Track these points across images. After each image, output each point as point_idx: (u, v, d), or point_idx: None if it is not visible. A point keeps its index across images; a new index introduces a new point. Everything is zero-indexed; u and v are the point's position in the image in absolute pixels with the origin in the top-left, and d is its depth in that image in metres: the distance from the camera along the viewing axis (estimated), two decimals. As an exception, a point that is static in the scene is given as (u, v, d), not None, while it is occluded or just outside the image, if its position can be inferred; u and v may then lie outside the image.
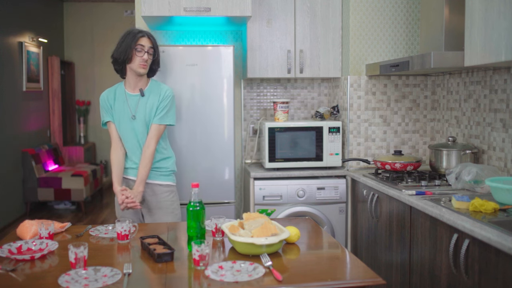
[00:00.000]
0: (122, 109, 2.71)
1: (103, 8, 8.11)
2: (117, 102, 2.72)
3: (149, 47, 2.67)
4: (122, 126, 2.72)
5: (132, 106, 2.70)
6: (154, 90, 2.73)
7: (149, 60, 2.68)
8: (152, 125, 2.69)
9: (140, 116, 2.69)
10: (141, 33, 2.66)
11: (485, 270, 1.89)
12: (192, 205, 1.96)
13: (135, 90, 2.73)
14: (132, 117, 2.69)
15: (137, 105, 2.70)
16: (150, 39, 2.68)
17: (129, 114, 2.70)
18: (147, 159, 2.67)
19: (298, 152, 3.48)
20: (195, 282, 1.67)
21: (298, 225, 2.26)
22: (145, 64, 2.66)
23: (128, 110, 2.70)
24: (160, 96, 2.70)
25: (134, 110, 2.70)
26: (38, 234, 2.09)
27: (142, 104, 2.70)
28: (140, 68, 2.66)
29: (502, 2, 2.13)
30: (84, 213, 6.42)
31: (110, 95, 2.76)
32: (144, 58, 2.65)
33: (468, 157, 2.93)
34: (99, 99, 2.78)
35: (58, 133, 7.44)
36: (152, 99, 2.70)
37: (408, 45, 3.51)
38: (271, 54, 3.59)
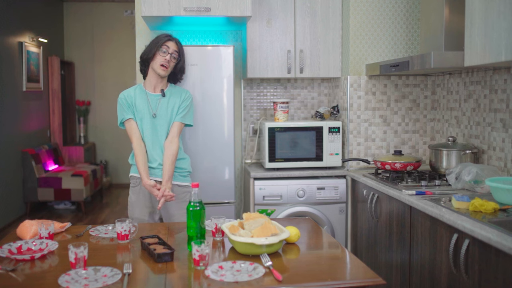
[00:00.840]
0: (143, 107, 2.75)
1: (103, 8, 8.10)
2: (138, 100, 2.77)
3: (173, 50, 2.74)
4: (144, 124, 2.76)
5: (153, 105, 2.76)
6: (175, 92, 2.82)
7: (171, 63, 2.74)
8: (175, 123, 2.77)
9: (161, 114, 2.75)
10: (168, 37, 2.76)
11: (485, 270, 1.90)
12: (192, 205, 1.96)
13: (155, 90, 2.79)
14: (153, 115, 2.75)
15: (157, 104, 2.76)
16: (177, 45, 2.76)
17: (150, 112, 2.75)
18: (173, 156, 2.72)
19: (298, 152, 3.48)
20: (195, 282, 1.67)
21: (298, 225, 2.26)
22: (166, 66, 2.72)
23: (149, 108, 2.75)
24: (181, 97, 2.80)
25: (155, 109, 2.75)
26: (38, 234, 2.09)
27: (163, 103, 2.77)
28: (160, 69, 2.72)
29: (502, 2, 2.13)
30: (84, 213, 6.42)
31: (130, 94, 2.79)
32: (166, 58, 2.71)
33: (468, 157, 2.93)
34: (118, 100, 2.80)
35: (58, 133, 7.44)
36: (174, 99, 2.78)
37: (408, 45, 3.51)
38: (271, 54, 3.59)
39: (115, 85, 8.21)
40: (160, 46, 2.72)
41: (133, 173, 2.85)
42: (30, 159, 6.26)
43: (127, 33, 7.94)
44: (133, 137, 2.75)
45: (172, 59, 2.75)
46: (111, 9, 8.10)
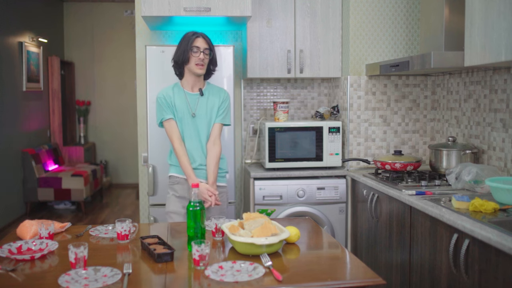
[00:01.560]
0: (182, 107, 2.74)
1: (103, 8, 8.10)
2: (177, 100, 2.74)
3: (204, 48, 2.71)
4: (184, 123, 2.75)
5: (192, 104, 2.75)
6: (213, 91, 2.81)
7: (205, 60, 2.72)
8: (216, 124, 2.77)
9: (200, 114, 2.75)
10: (195, 35, 2.72)
11: (485, 270, 1.90)
12: (192, 205, 1.96)
13: (193, 89, 2.77)
14: (192, 115, 2.74)
15: (197, 103, 2.75)
16: (205, 40, 2.73)
17: (189, 112, 2.74)
18: (217, 157, 2.74)
19: (298, 152, 3.48)
20: (195, 282, 1.67)
21: (298, 225, 2.26)
22: (202, 64, 2.70)
23: (189, 108, 2.74)
24: (221, 97, 2.79)
25: (194, 108, 2.74)
26: (38, 234, 2.09)
27: (202, 103, 2.76)
28: (197, 68, 2.70)
29: (502, 2, 2.13)
30: (84, 213, 6.42)
31: (168, 93, 2.76)
32: (200, 57, 2.68)
33: (468, 157, 2.93)
34: (157, 98, 2.76)
35: (58, 133, 7.44)
36: (213, 99, 2.77)
37: (408, 45, 3.51)
38: (271, 54, 3.59)
39: (115, 85, 8.22)
40: (191, 46, 2.69)
41: (173, 173, 2.82)
42: (30, 159, 6.26)
43: (127, 33, 7.94)
44: (174, 137, 2.72)
45: (206, 56, 2.72)
46: (111, 9, 8.10)
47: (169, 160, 2.86)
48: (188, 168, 2.68)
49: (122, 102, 8.20)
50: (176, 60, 2.75)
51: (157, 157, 3.29)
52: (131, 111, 7.93)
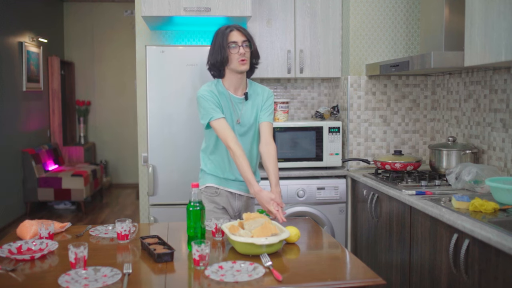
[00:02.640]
0: (228, 111, 2.46)
1: (103, 8, 8.10)
2: (222, 101, 2.45)
3: (242, 41, 2.39)
4: None
5: (237, 109, 2.47)
6: (256, 92, 2.54)
7: (247, 54, 2.41)
8: (265, 123, 2.47)
9: (245, 120, 2.48)
10: (229, 28, 2.42)
11: (485, 270, 1.90)
12: (192, 205, 1.96)
13: (237, 92, 2.49)
14: (237, 122, 2.47)
15: (241, 109, 2.48)
16: (241, 32, 2.42)
17: (234, 117, 2.47)
18: (274, 156, 2.44)
19: (298, 152, 3.48)
20: (195, 282, 1.67)
21: (298, 225, 2.26)
22: (244, 59, 2.39)
23: (233, 113, 2.46)
24: (264, 95, 2.52)
25: (239, 114, 2.47)
26: (38, 234, 2.09)
27: (247, 108, 2.49)
28: (241, 65, 2.40)
29: (502, 2, 2.13)
30: (84, 213, 6.42)
31: (214, 90, 2.44)
32: (241, 52, 2.38)
33: (468, 157, 2.93)
34: (202, 95, 2.42)
35: (58, 133, 7.44)
36: (257, 100, 2.51)
37: (408, 45, 3.51)
38: (271, 54, 3.59)
39: (115, 85, 8.22)
40: (227, 42, 2.39)
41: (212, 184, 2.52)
42: (30, 159, 6.26)
43: (127, 33, 7.94)
44: (229, 137, 2.36)
45: (246, 49, 2.41)
46: (111, 9, 8.10)
47: (204, 167, 2.56)
48: (248, 172, 2.33)
49: (122, 102, 8.21)
50: (213, 62, 2.44)
51: (157, 157, 3.29)
52: (131, 111, 7.93)
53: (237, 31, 2.41)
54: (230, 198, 2.56)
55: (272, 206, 2.26)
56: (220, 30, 2.44)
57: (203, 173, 2.58)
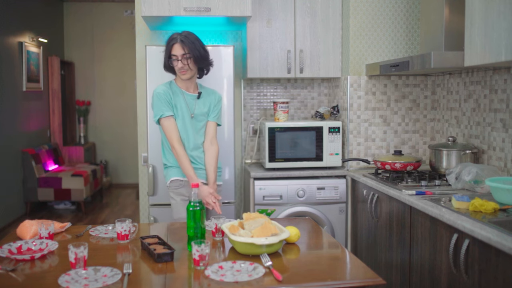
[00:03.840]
0: (182, 106, 2.72)
1: (103, 8, 8.10)
2: (176, 98, 2.72)
3: (181, 55, 2.63)
4: (186, 124, 2.72)
5: (190, 105, 2.74)
6: (208, 93, 2.82)
7: (185, 66, 2.65)
8: (211, 123, 2.78)
9: (198, 115, 2.75)
10: (172, 41, 2.65)
11: (485, 270, 1.90)
12: (192, 205, 1.96)
13: (189, 90, 2.76)
14: (191, 116, 2.73)
15: (195, 104, 2.75)
16: (182, 45, 2.62)
17: (188, 112, 2.73)
18: (216, 156, 2.74)
19: (298, 152, 3.48)
20: (195, 282, 1.67)
21: (298, 225, 2.26)
22: (184, 71, 2.66)
23: (187, 108, 2.73)
24: (216, 98, 2.81)
25: (192, 109, 2.74)
26: (38, 234, 2.09)
27: (200, 104, 2.76)
28: (181, 75, 2.68)
29: (502, 2, 2.13)
30: (84, 213, 6.42)
31: (168, 90, 2.72)
32: (178, 66, 2.65)
33: (468, 157, 2.93)
34: (156, 93, 2.70)
35: (58, 133, 7.44)
36: (208, 100, 2.78)
37: (408, 45, 3.51)
38: (271, 54, 3.59)
39: (115, 85, 8.22)
40: (169, 54, 2.66)
41: (177, 177, 2.75)
42: (30, 159, 6.26)
43: (127, 33, 7.94)
44: (173, 136, 2.67)
45: (186, 61, 2.64)
46: (111, 9, 8.10)
47: (166, 161, 2.80)
48: (190, 169, 2.63)
49: (122, 102, 8.21)
50: (164, 65, 2.76)
51: (157, 157, 3.29)
52: (131, 111, 7.93)
53: (179, 44, 2.63)
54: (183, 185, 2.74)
55: (210, 199, 2.56)
56: (169, 38, 2.68)
57: (166, 168, 2.81)
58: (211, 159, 2.72)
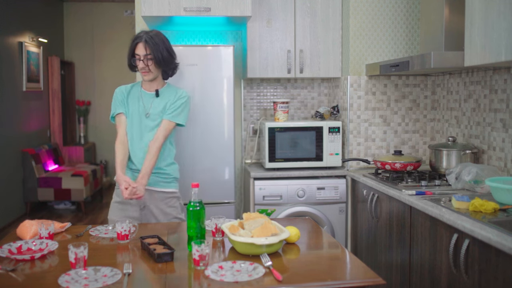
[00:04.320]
0: (136, 105, 2.67)
1: (103, 8, 8.10)
2: (131, 97, 2.69)
3: (144, 55, 2.55)
4: (134, 123, 2.65)
5: (146, 104, 2.65)
6: (169, 91, 2.69)
7: (147, 67, 2.57)
8: (163, 121, 2.62)
9: (154, 114, 2.64)
10: (137, 39, 2.57)
11: (485, 270, 1.90)
12: (192, 205, 1.96)
13: (150, 89, 2.68)
14: (146, 115, 2.64)
15: (151, 103, 2.65)
16: (146, 45, 2.54)
17: (143, 111, 2.65)
18: (151, 154, 2.57)
19: (298, 152, 3.48)
20: (195, 282, 1.67)
21: (298, 225, 2.26)
22: (145, 72, 2.59)
23: (143, 107, 2.65)
24: (176, 95, 2.65)
25: (148, 108, 2.64)
26: (38, 234, 2.09)
27: (156, 103, 2.65)
28: (143, 75, 2.62)
29: (502, 2, 2.13)
30: (84, 213, 6.42)
31: (126, 89, 2.73)
32: (140, 66, 2.58)
33: (468, 157, 2.93)
34: (114, 91, 2.73)
35: (58, 133, 7.44)
36: (167, 98, 2.65)
37: (408, 45, 3.51)
38: (271, 54, 3.59)
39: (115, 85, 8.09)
40: (132, 53, 2.59)
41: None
42: (30, 159, 6.26)
43: (127, 33, 7.93)
44: (118, 132, 2.67)
45: (148, 62, 2.56)
46: (111, 9, 8.10)
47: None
48: (118, 167, 2.57)
49: (122, 102, 8.20)
50: (127, 63, 2.67)
51: (157, 157, 3.29)
52: (131, 111, 7.92)
53: (142, 44, 2.55)
54: None
55: (123, 185, 2.49)
56: (136, 35, 2.61)
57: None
58: (148, 155, 2.56)
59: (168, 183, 2.70)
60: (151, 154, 2.57)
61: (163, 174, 2.67)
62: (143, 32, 2.59)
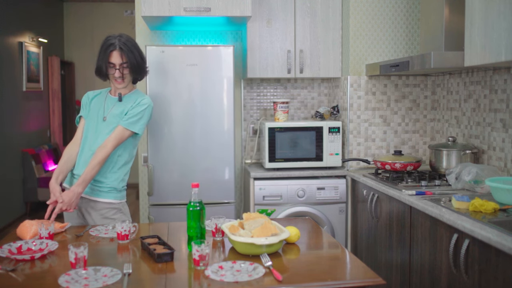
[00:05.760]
0: (97, 108, 2.56)
1: (103, 8, 8.10)
2: (96, 101, 2.59)
3: (119, 64, 2.46)
4: (90, 126, 2.53)
5: (107, 108, 2.54)
6: (132, 97, 2.57)
7: (124, 74, 2.50)
8: (118, 126, 2.46)
9: (110, 120, 2.50)
10: (111, 47, 2.44)
11: (485, 270, 1.90)
12: (192, 205, 1.96)
13: (116, 94, 2.59)
14: (103, 119, 2.52)
15: (111, 108, 2.53)
16: (120, 52, 2.45)
17: (101, 115, 2.53)
18: (95, 159, 2.39)
19: (298, 152, 3.48)
20: (195, 282, 1.67)
21: (298, 225, 2.26)
22: (120, 81, 2.50)
23: (102, 111, 2.54)
24: (136, 102, 2.52)
25: (107, 112, 2.53)
26: (38, 234, 2.09)
27: (117, 108, 2.53)
28: (116, 83, 2.52)
29: (502, 2, 2.13)
30: (84, 213, 6.41)
31: (93, 93, 2.66)
32: (115, 75, 2.48)
33: (468, 157, 2.93)
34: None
35: (58, 133, 7.44)
36: (128, 103, 2.54)
37: (408, 45, 3.51)
38: (271, 54, 3.59)
39: (115, 85, 8.22)
40: (106, 61, 2.46)
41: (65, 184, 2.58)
42: (30, 159, 6.26)
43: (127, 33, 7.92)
44: (76, 134, 2.57)
45: (124, 70, 2.49)
46: (111, 9, 8.10)
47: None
48: (58, 166, 2.49)
49: (122, 102, 8.21)
50: (96, 69, 2.52)
51: (156, 157, 3.29)
52: (131, 111, 7.93)
53: (117, 52, 2.45)
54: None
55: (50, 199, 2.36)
56: (105, 44, 2.47)
57: None
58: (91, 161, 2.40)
59: (105, 193, 2.50)
60: (95, 161, 2.39)
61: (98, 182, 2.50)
62: (113, 39, 2.47)
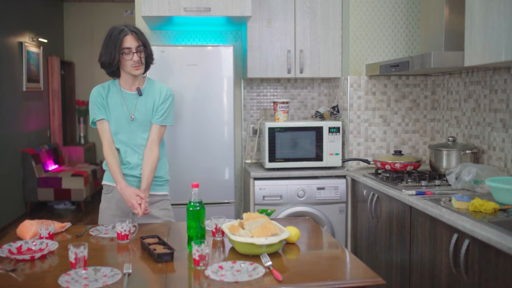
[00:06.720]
0: (119, 109, 2.46)
1: (103, 8, 8.10)
2: (112, 100, 2.47)
3: (136, 47, 2.37)
4: (121, 127, 2.46)
5: (130, 106, 2.46)
6: (153, 89, 2.50)
7: (141, 59, 2.41)
8: (154, 126, 2.47)
9: (139, 117, 2.46)
10: (123, 32, 2.35)
11: (485, 270, 1.90)
12: (192, 205, 1.96)
13: (132, 88, 2.48)
14: (131, 119, 2.45)
15: (135, 105, 2.46)
16: (136, 35, 2.37)
17: (127, 115, 2.45)
18: (152, 163, 2.45)
19: (298, 152, 3.48)
20: (195, 282, 1.67)
21: (298, 225, 2.26)
22: (138, 66, 2.40)
23: (126, 110, 2.45)
24: (161, 96, 2.47)
25: (132, 111, 2.46)
26: (38, 234, 2.09)
27: (141, 104, 2.46)
28: (134, 70, 2.40)
29: (502, 2, 2.13)
30: (84, 213, 6.42)
31: (103, 91, 2.48)
32: (134, 60, 2.37)
33: (468, 157, 2.93)
34: (91, 95, 2.50)
35: (58, 133, 7.44)
36: (152, 98, 2.47)
37: (408, 45, 3.51)
38: (271, 54, 3.59)
39: (115, 85, 8.21)
40: (120, 48, 2.35)
41: (105, 181, 2.57)
42: (30, 159, 6.26)
43: (127, 33, 7.93)
44: (104, 140, 2.46)
45: (140, 55, 2.39)
46: (111, 9, 8.10)
47: (104, 166, 2.58)
48: (116, 173, 2.41)
49: (122, 102, 8.20)
50: (103, 62, 2.40)
51: (157, 157, 3.29)
52: (131, 111, 7.93)
53: (131, 35, 2.36)
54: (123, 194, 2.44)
55: (135, 200, 2.35)
56: (114, 32, 2.36)
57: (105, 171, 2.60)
58: (145, 165, 2.43)
59: (161, 186, 2.59)
60: (151, 164, 2.45)
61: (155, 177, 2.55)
62: (122, 26, 2.38)
